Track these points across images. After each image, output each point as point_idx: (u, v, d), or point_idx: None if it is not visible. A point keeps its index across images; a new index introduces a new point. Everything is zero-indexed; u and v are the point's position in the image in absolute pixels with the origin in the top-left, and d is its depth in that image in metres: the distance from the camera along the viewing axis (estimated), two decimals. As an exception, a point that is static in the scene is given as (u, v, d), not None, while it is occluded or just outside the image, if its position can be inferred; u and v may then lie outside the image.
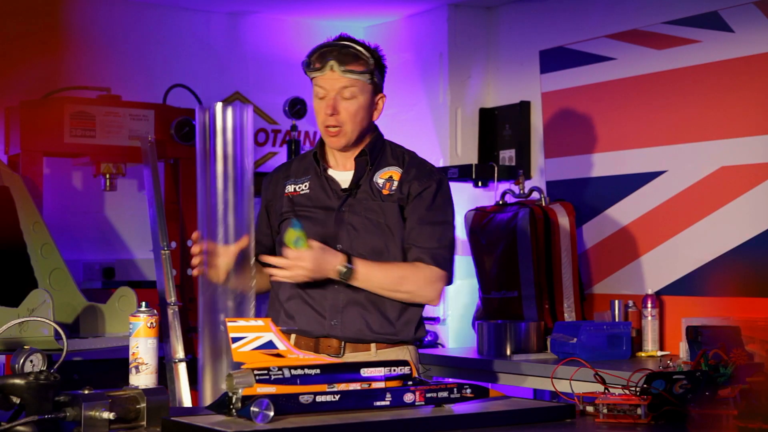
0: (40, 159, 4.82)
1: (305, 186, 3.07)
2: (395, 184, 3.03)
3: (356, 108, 3.02)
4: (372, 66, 3.06)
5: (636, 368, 3.04)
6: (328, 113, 2.99)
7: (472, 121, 5.56)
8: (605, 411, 2.40)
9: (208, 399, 2.70)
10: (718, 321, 3.92)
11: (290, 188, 3.09)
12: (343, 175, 3.06)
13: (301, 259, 2.84)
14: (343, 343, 2.97)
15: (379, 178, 3.04)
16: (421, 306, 3.09)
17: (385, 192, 3.02)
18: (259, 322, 2.35)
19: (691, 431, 2.27)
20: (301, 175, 3.11)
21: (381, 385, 2.35)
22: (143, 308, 2.45)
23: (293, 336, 2.98)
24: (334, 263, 2.88)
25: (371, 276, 2.92)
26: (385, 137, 3.25)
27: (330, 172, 3.08)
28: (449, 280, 3.09)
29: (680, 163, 4.51)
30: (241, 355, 2.30)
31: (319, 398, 2.25)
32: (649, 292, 4.43)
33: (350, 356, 2.95)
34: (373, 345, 2.99)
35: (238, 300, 2.77)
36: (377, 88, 3.11)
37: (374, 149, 3.08)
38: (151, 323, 2.43)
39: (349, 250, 2.95)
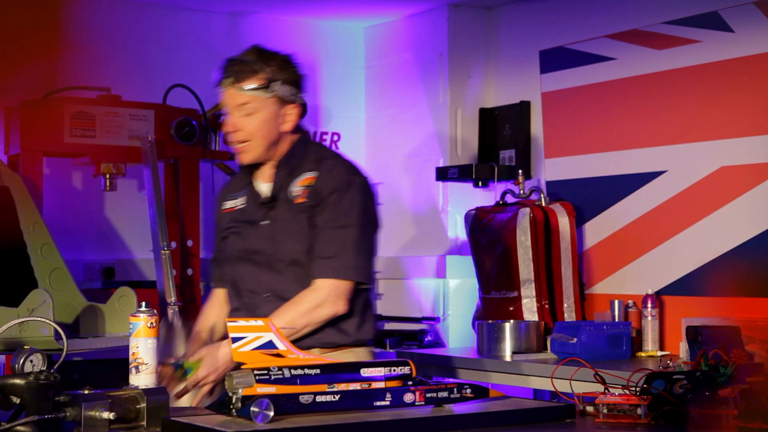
0: (40, 159, 4.82)
1: (242, 201, 3.11)
2: (311, 189, 3.02)
3: (257, 124, 2.99)
4: (271, 79, 2.99)
5: (636, 368, 3.03)
6: (230, 130, 3.01)
7: (472, 121, 5.56)
8: (605, 411, 2.40)
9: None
10: (718, 321, 3.92)
11: (228, 204, 3.15)
12: (266, 186, 3.08)
13: (200, 378, 2.90)
14: None
15: (296, 186, 3.02)
16: (362, 309, 3.06)
17: (299, 200, 3.00)
18: (259, 322, 2.35)
19: (691, 431, 2.27)
20: (238, 189, 3.15)
21: (381, 385, 2.35)
22: (143, 308, 2.45)
23: None
24: (229, 351, 2.84)
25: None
26: (386, 138, 3.24)
27: (256, 184, 3.10)
28: (363, 280, 3.01)
29: (680, 163, 4.51)
30: (241, 355, 2.30)
31: (319, 398, 2.25)
32: (649, 292, 4.43)
33: None
34: (315, 349, 2.95)
35: None
36: (284, 100, 3.02)
37: (291, 158, 3.05)
38: (151, 323, 2.43)
39: (270, 260, 3.00)
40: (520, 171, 4.91)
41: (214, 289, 3.25)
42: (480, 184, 5.31)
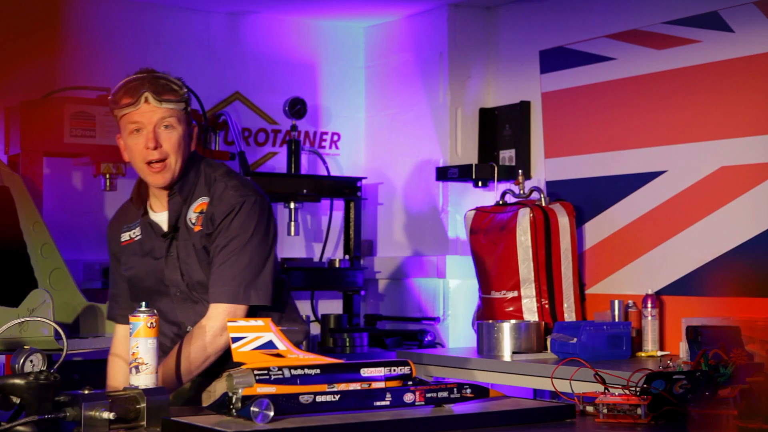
0: (40, 159, 4.82)
1: (137, 232, 3.00)
2: (206, 215, 2.91)
3: (177, 138, 2.87)
4: (185, 95, 2.91)
5: (636, 368, 3.04)
6: (150, 146, 2.84)
7: (472, 121, 5.56)
8: (605, 411, 2.40)
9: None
10: (718, 321, 3.92)
11: (125, 236, 3.03)
12: (163, 216, 2.96)
13: None
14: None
15: (192, 213, 2.92)
16: (284, 311, 3.03)
17: (196, 229, 2.90)
18: (259, 322, 2.35)
19: (691, 431, 2.27)
20: (132, 219, 3.03)
21: (381, 385, 2.35)
22: (143, 308, 2.45)
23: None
24: None
25: (173, 378, 2.81)
26: (386, 138, 3.20)
27: (151, 215, 2.98)
28: (260, 302, 2.89)
29: (680, 163, 4.51)
30: (241, 355, 2.30)
31: (319, 398, 2.25)
32: (649, 292, 4.43)
33: None
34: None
35: None
36: (190, 118, 2.94)
37: (185, 184, 2.93)
38: (151, 323, 2.43)
39: (186, 291, 2.91)
40: (520, 171, 4.91)
41: (119, 326, 3.11)
42: (480, 184, 5.31)
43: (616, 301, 4.46)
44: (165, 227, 2.95)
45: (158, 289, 2.96)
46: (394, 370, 2.38)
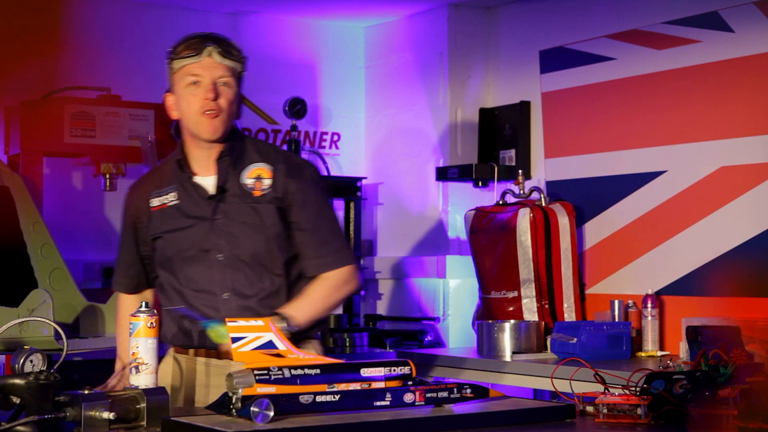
0: (40, 159, 4.82)
1: (173, 196, 2.94)
2: (265, 182, 2.91)
3: (232, 96, 2.89)
4: (243, 60, 2.95)
5: (636, 368, 3.04)
6: (210, 97, 2.84)
7: (472, 121, 5.56)
8: (605, 411, 2.40)
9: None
10: (718, 321, 3.92)
11: (156, 202, 2.96)
12: (208, 180, 2.93)
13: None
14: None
15: (247, 178, 2.91)
16: None
17: (256, 193, 2.90)
18: (259, 322, 2.35)
19: (691, 431, 2.27)
20: (165, 185, 2.96)
21: (381, 385, 2.35)
22: (143, 308, 2.45)
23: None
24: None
25: (308, 314, 2.87)
26: (386, 138, 3.20)
27: (195, 178, 2.94)
28: (354, 261, 3.03)
29: (680, 163, 4.51)
30: (241, 355, 2.30)
31: (319, 398, 2.25)
32: (649, 292, 4.43)
33: None
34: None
35: None
36: (241, 85, 2.95)
37: (233, 149, 2.93)
38: (151, 323, 2.43)
39: (230, 257, 2.87)
40: (520, 171, 4.91)
41: (123, 294, 3.09)
42: (480, 184, 5.31)
43: (616, 301, 4.46)
44: (210, 191, 2.91)
45: (193, 255, 2.90)
46: (394, 370, 2.38)
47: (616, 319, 4.41)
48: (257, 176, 2.92)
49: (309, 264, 2.94)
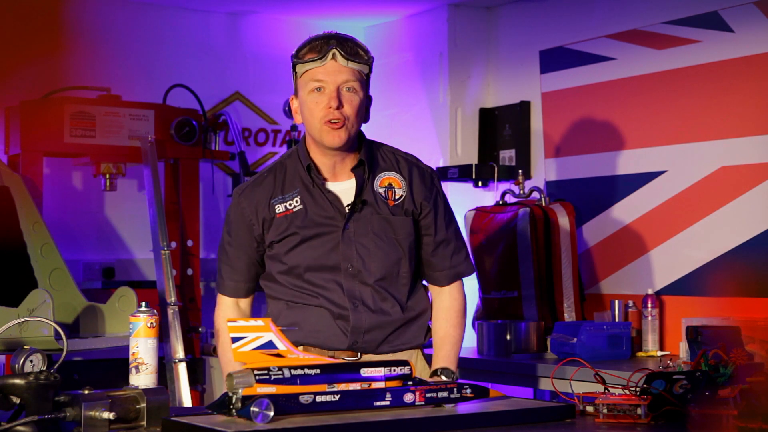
0: (40, 159, 4.82)
1: (296, 201, 2.80)
2: (398, 192, 2.82)
3: (358, 103, 2.73)
4: (370, 59, 2.79)
5: (636, 368, 3.04)
6: (333, 105, 2.70)
7: (472, 121, 5.56)
8: (605, 411, 2.40)
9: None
10: (718, 321, 3.92)
11: (280, 207, 2.81)
12: (338, 186, 2.81)
13: None
14: (359, 354, 2.82)
15: (379, 187, 2.81)
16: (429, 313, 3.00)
17: (390, 203, 2.81)
18: (259, 322, 2.35)
19: (691, 431, 2.27)
20: (288, 190, 2.83)
21: (381, 385, 2.35)
22: (143, 308, 2.45)
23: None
24: None
25: (457, 355, 2.91)
26: (386, 138, 3.17)
27: (327, 185, 2.81)
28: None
29: (680, 163, 4.51)
30: (241, 355, 2.30)
31: (319, 398, 2.25)
32: (649, 292, 4.43)
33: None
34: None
35: None
36: (368, 86, 2.80)
37: (368, 156, 2.81)
38: (151, 323, 2.43)
39: (361, 270, 2.78)
40: (520, 171, 4.91)
41: (236, 299, 2.93)
42: (480, 184, 5.31)
43: (616, 301, 4.47)
44: (342, 198, 2.80)
45: (324, 264, 2.80)
46: (394, 370, 2.38)
47: (616, 319, 4.42)
48: (388, 185, 2.83)
49: (441, 275, 2.91)
